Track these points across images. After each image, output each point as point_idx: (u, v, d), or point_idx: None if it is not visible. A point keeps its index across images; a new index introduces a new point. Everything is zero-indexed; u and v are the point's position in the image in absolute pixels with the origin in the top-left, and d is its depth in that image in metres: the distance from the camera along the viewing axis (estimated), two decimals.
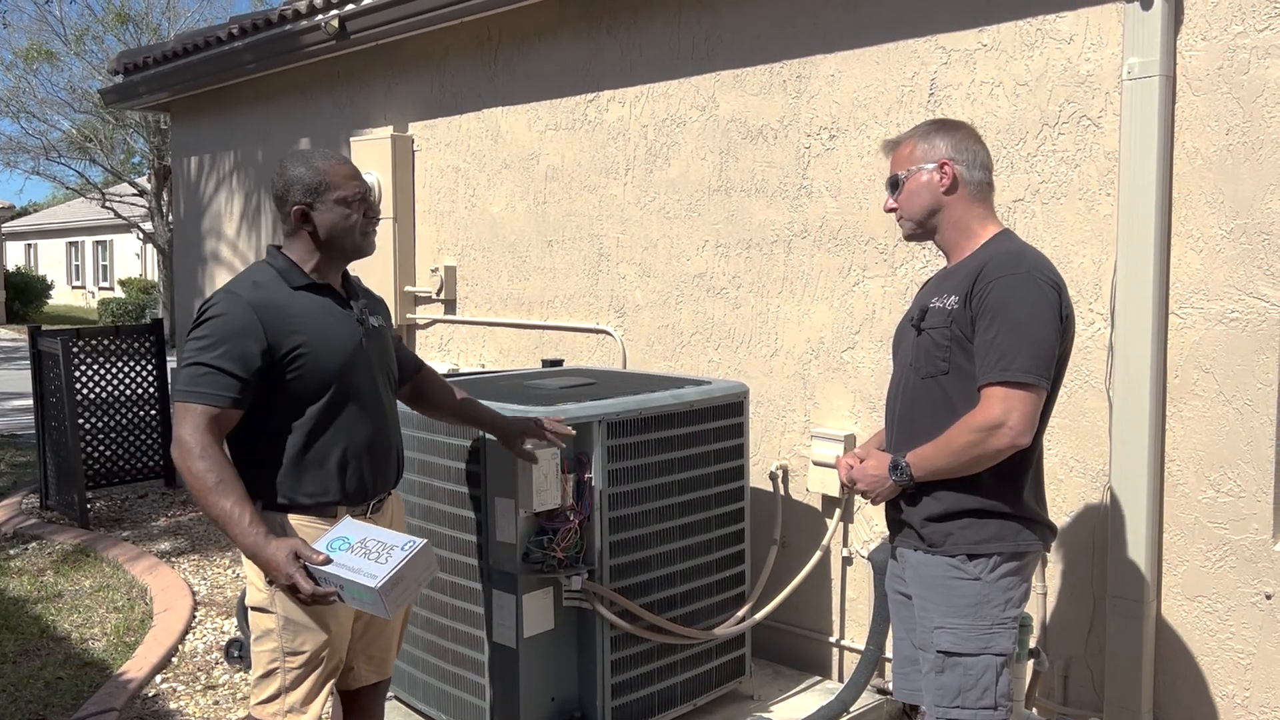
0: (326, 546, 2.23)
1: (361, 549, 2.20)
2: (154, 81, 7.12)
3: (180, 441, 2.24)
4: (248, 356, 2.29)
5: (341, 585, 2.17)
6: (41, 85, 22.81)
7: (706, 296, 4.17)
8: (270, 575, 2.21)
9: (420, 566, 2.21)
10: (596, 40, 4.51)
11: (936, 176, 2.42)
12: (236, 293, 2.35)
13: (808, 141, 3.80)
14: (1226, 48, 2.88)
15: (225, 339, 2.29)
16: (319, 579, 2.18)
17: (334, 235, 2.45)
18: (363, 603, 2.18)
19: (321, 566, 2.17)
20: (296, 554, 2.18)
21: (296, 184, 2.42)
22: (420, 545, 2.21)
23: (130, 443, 7.41)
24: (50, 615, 4.94)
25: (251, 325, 2.30)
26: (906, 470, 2.36)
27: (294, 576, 2.16)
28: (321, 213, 2.43)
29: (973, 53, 3.37)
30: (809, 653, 3.90)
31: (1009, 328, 2.24)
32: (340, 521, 2.32)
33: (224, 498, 2.20)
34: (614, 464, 3.08)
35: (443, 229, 5.37)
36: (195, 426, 2.24)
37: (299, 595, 2.18)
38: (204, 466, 2.21)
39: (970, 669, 2.31)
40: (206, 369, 2.27)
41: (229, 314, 2.31)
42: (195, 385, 2.27)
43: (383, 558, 2.17)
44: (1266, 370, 2.86)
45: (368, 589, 2.11)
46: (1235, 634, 2.95)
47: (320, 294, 2.45)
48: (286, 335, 2.34)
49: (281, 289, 2.40)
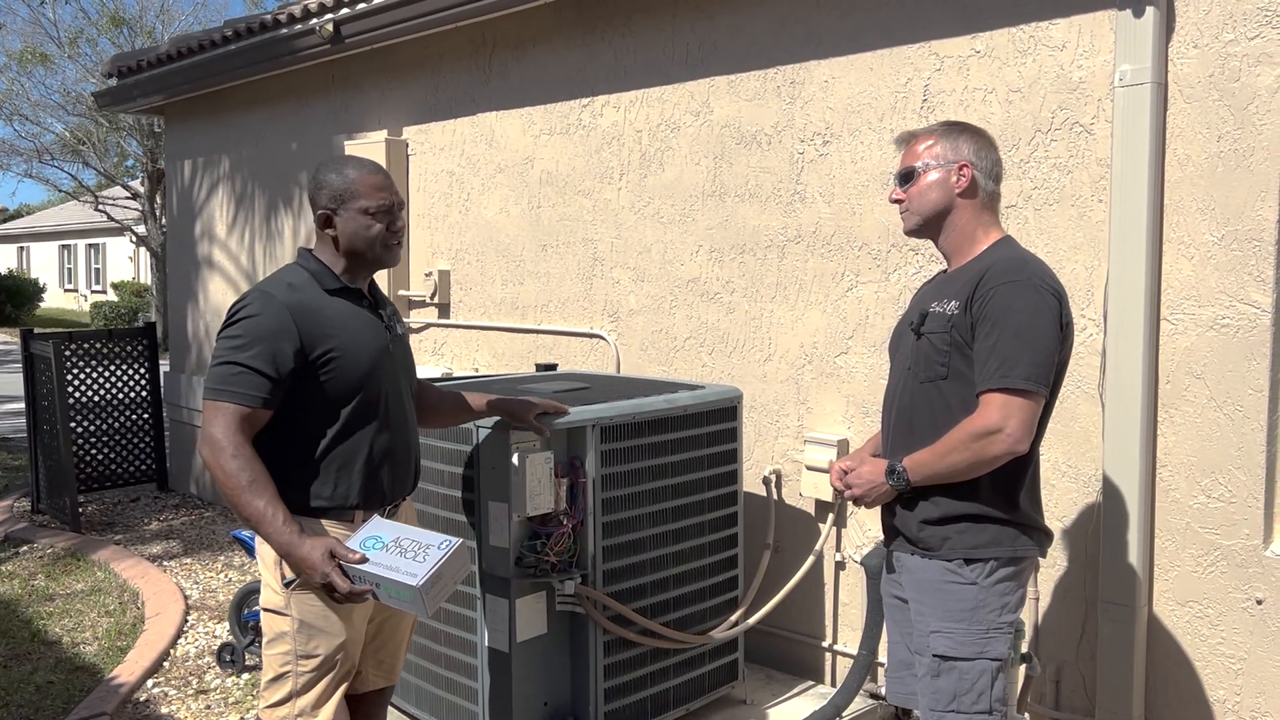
0: (360, 545, 2.23)
1: (397, 548, 2.21)
2: (148, 85, 7.12)
3: (212, 440, 2.24)
4: (280, 357, 2.29)
5: (378, 584, 2.17)
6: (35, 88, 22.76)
7: (700, 301, 4.18)
8: (305, 574, 2.21)
9: (457, 565, 2.22)
10: (591, 45, 4.52)
11: (954, 177, 2.40)
12: (271, 293, 2.35)
13: (801, 147, 3.81)
14: (1218, 55, 2.89)
15: (259, 339, 2.29)
16: (354, 578, 2.19)
17: (353, 244, 2.45)
18: (401, 601, 2.18)
19: (358, 565, 2.17)
20: (332, 553, 2.19)
21: (325, 189, 2.44)
22: (457, 544, 2.22)
23: (122, 446, 7.39)
24: (41, 619, 4.92)
25: (286, 326, 2.30)
26: (903, 475, 2.36)
27: (330, 575, 2.16)
28: (344, 220, 2.44)
29: (966, 59, 3.38)
30: (802, 657, 3.90)
31: (1010, 334, 2.24)
32: (370, 520, 2.33)
33: (257, 497, 2.20)
34: (607, 468, 3.08)
35: (437, 233, 5.37)
36: (227, 425, 2.24)
37: (334, 594, 2.18)
38: (237, 465, 2.21)
39: (966, 673, 2.31)
40: (240, 368, 2.27)
41: (264, 314, 2.31)
42: (227, 384, 2.27)
43: (420, 556, 2.18)
44: (1257, 376, 2.87)
45: (408, 587, 2.12)
46: (1226, 639, 2.96)
47: (351, 299, 2.47)
48: (320, 338, 2.35)
49: (315, 292, 2.41)
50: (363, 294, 2.51)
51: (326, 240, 2.48)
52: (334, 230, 2.45)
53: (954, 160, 2.41)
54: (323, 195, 2.44)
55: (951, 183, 2.41)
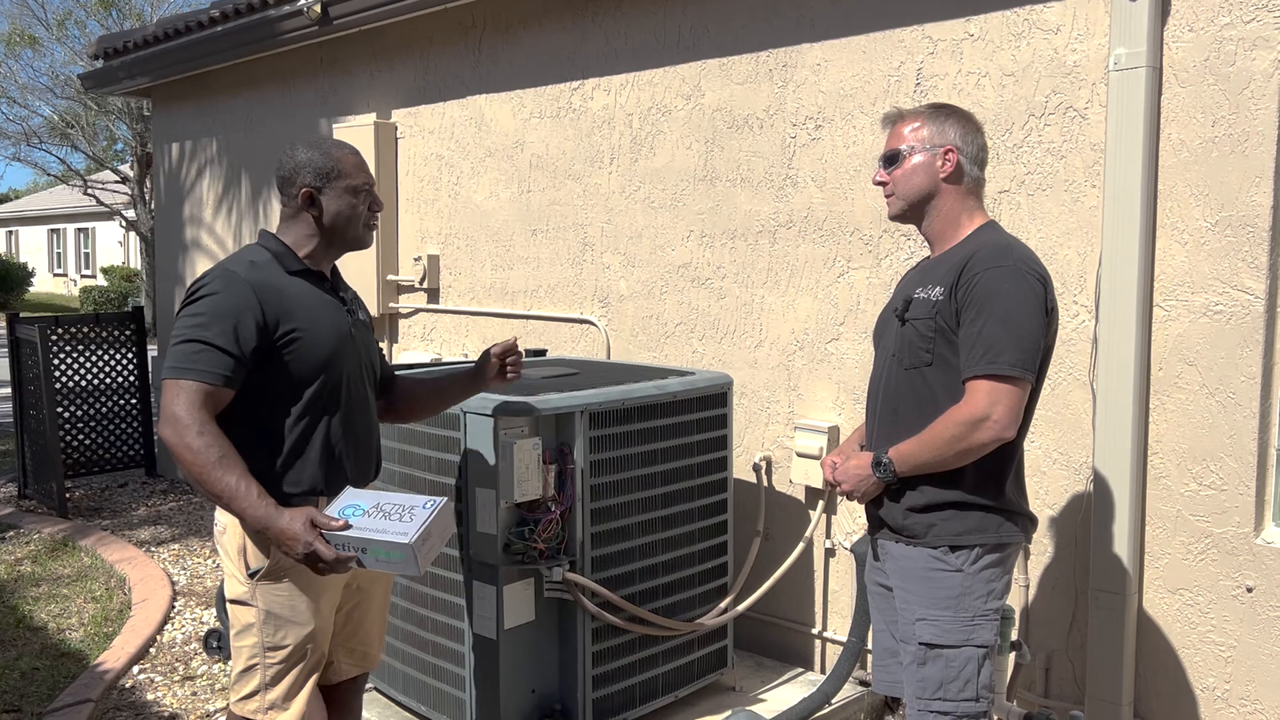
0: (339, 514, 2.20)
1: (379, 512, 2.18)
2: (134, 67, 7.05)
3: (174, 419, 2.16)
4: (244, 334, 2.24)
5: (364, 549, 2.13)
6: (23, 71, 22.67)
7: (691, 287, 4.15)
8: (286, 546, 2.15)
9: (443, 523, 2.20)
10: (581, 28, 4.48)
11: (939, 162, 2.38)
12: (234, 271, 2.30)
13: (793, 131, 3.78)
14: (1213, 39, 2.87)
15: (221, 316, 2.24)
16: (337, 545, 2.14)
17: (337, 223, 2.43)
18: (390, 563, 2.14)
19: (341, 531, 2.13)
20: (313, 521, 2.14)
21: (307, 166, 2.40)
22: (443, 502, 2.20)
23: (110, 431, 7.35)
24: (27, 605, 4.89)
25: (250, 303, 2.26)
26: (889, 467, 2.34)
27: (314, 544, 2.11)
28: (329, 198, 2.41)
29: (959, 43, 3.35)
30: (791, 644, 3.89)
31: (995, 320, 2.22)
32: (344, 491, 2.29)
33: (227, 473, 2.14)
34: (596, 454, 3.05)
35: (426, 217, 5.33)
36: (190, 403, 2.17)
37: (319, 564, 2.13)
38: (204, 442, 2.14)
39: (952, 661, 2.30)
40: (202, 345, 2.21)
41: (225, 291, 2.26)
42: (190, 362, 2.21)
43: (406, 517, 2.15)
44: (1250, 363, 2.86)
45: (399, 546, 2.09)
46: (1216, 627, 2.96)
47: (313, 281, 2.43)
48: (284, 317, 2.30)
49: (277, 271, 2.37)
50: (324, 277, 2.47)
51: (302, 220, 2.43)
52: (317, 209, 2.41)
53: (939, 145, 2.38)
54: (305, 173, 2.40)
55: (936, 167, 2.38)
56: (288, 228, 2.45)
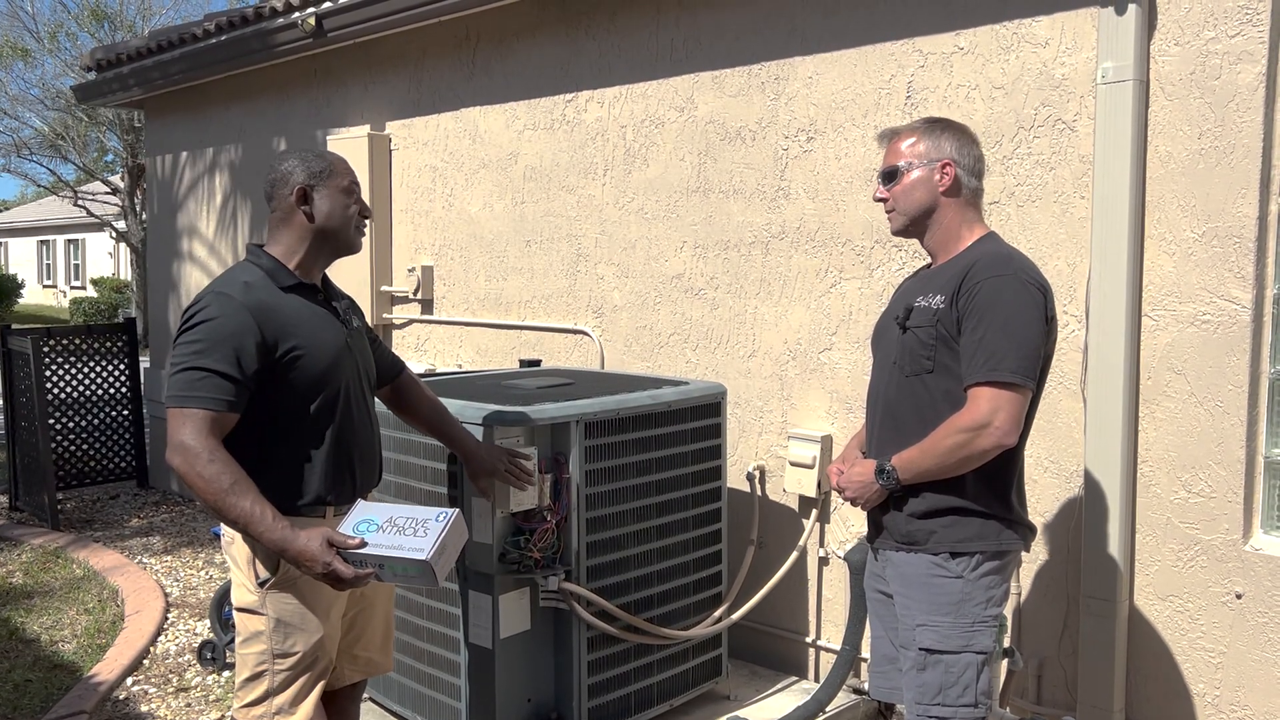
0: (353, 530, 2.22)
1: (392, 527, 2.21)
2: (127, 78, 7.05)
3: (184, 448, 2.17)
4: (245, 358, 2.25)
5: (381, 564, 2.17)
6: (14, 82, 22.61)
7: (684, 297, 4.17)
8: (304, 567, 2.17)
9: (457, 534, 2.22)
10: (575, 40, 4.51)
11: (937, 176, 2.41)
12: (228, 294, 2.30)
13: (786, 143, 3.81)
14: (1199, 53, 2.91)
15: (220, 342, 2.24)
16: (354, 562, 2.17)
17: (330, 224, 2.43)
18: (407, 577, 2.18)
19: (358, 550, 2.16)
20: (330, 541, 2.16)
21: (299, 168, 2.41)
22: (454, 514, 2.22)
23: (102, 443, 7.33)
24: (19, 617, 4.88)
25: (248, 326, 2.26)
26: (893, 474, 2.36)
27: (333, 563, 2.13)
28: (322, 198, 2.42)
29: (949, 56, 3.39)
30: (785, 653, 3.90)
31: (997, 328, 2.25)
32: (356, 505, 2.31)
33: (241, 498, 2.16)
34: (591, 464, 3.07)
35: (420, 228, 5.34)
36: (197, 430, 2.18)
37: (339, 582, 2.16)
38: (215, 470, 2.16)
39: (951, 667, 2.32)
40: (204, 373, 2.22)
41: (222, 316, 2.26)
42: (193, 389, 2.21)
43: (420, 531, 2.18)
44: (1237, 372, 2.89)
45: (417, 562, 2.12)
46: (1206, 633, 2.98)
47: (306, 295, 2.43)
48: (283, 336, 2.31)
49: (271, 290, 2.36)
50: (317, 289, 2.48)
51: (293, 223, 2.43)
52: (309, 207, 2.42)
53: (937, 159, 2.41)
54: (298, 174, 2.41)
55: (935, 181, 2.41)
56: (277, 235, 2.45)
